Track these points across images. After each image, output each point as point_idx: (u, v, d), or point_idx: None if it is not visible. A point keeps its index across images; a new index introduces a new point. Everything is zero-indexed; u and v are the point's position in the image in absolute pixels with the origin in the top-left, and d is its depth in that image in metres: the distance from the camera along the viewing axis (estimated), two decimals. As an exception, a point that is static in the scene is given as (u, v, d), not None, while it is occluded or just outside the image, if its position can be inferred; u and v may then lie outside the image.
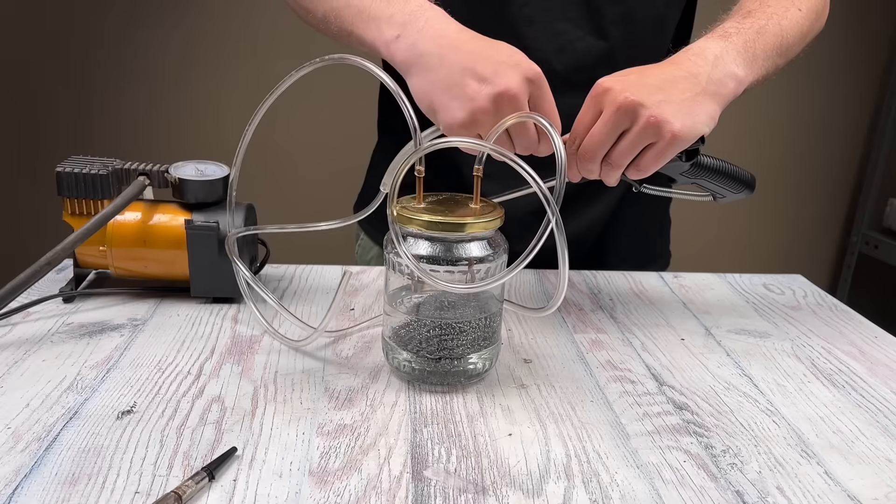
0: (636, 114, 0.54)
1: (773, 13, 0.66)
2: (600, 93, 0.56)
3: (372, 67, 0.54)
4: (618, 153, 0.56)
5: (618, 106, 0.54)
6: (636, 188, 0.68)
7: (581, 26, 0.73)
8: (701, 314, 0.73)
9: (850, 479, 0.47)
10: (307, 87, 0.82)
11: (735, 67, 0.59)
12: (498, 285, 0.53)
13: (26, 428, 0.48)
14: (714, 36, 0.62)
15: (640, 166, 0.57)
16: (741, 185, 0.65)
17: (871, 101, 2.11)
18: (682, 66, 0.58)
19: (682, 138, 0.55)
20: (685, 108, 0.55)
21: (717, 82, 0.58)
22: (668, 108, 0.54)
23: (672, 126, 0.54)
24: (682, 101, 0.55)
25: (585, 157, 0.57)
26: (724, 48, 0.60)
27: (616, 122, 0.55)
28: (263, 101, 0.58)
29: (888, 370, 0.63)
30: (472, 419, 0.51)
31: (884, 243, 2.08)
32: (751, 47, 0.61)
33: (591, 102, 0.57)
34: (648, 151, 0.56)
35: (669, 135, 0.54)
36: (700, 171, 0.63)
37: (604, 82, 0.56)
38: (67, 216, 0.67)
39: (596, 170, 0.58)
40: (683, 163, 0.61)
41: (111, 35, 1.77)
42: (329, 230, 0.61)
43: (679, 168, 0.62)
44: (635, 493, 0.44)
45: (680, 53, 0.60)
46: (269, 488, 0.43)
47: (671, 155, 0.56)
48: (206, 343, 0.61)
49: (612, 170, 0.57)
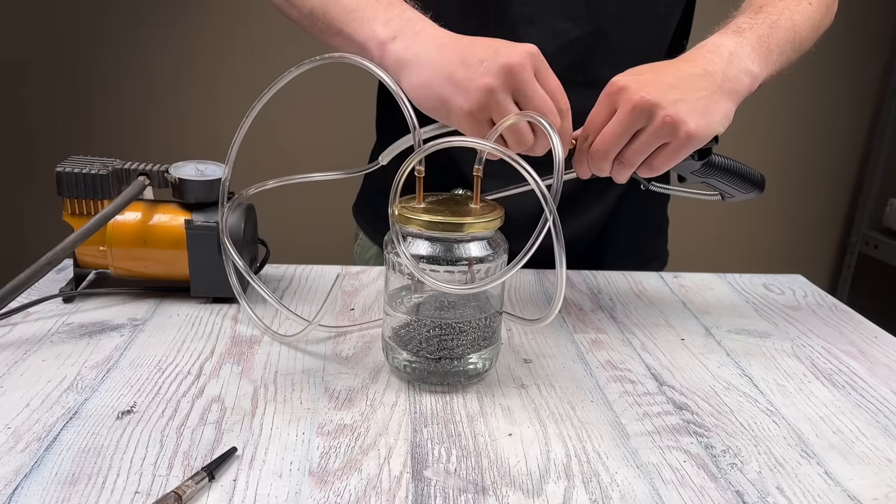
0: (652, 113, 0.54)
1: (785, 7, 0.66)
2: (615, 91, 0.55)
3: (372, 66, 0.54)
4: (631, 152, 0.56)
5: (633, 105, 0.54)
6: (644, 186, 0.68)
7: (582, 25, 0.73)
8: (701, 314, 0.73)
9: (850, 479, 0.47)
10: (306, 87, 0.82)
11: (750, 63, 0.59)
12: (497, 285, 0.53)
13: (26, 428, 0.48)
14: (728, 32, 0.62)
15: (653, 165, 0.56)
16: (751, 185, 0.65)
17: (871, 101, 2.11)
18: (697, 64, 0.58)
19: (697, 138, 0.54)
20: (701, 108, 0.55)
21: (733, 79, 0.57)
22: (684, 107, 0.54)
23: (688, 126, 0.54)
24: (697, 100, 0.55)
25: (597, 156, 0.56)
26: (739, 44, 0.59)
27: (631, 122, 0.54)
28: (260, 97, 0.58)
29: (888, 370, 0.63)
30: (472, 419, 0.51)
31: (884, 243, 2.07)
32: (765, 42, 0.61)
33: (606, 100, 0.56)
34: (662, 151, 0.55)
35: (685, 134, 0.54)
36: (711, 170, 0.62)
37: (618, 80, 0.56)
38: (67, 216, 0.67)
39: (607, 168, 0.57)
40: (695, 162, 0.60)
41: (110, 34, 1.77)
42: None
43: (690, 167, 0.61)
44: (635, 493, 0.44)
45: (694, 50, 0.60)
46: (269, 488, 0.43)
47: (685, 155, 0.56)
48: (206, 343, 0.61)
49: (624, 168, 0.57)
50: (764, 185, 0.66)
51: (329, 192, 1.54)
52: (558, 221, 0.47)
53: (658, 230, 0.95)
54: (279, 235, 0.70)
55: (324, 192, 1.71)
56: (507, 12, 0.73)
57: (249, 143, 0.60)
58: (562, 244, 0.48)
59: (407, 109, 0.53)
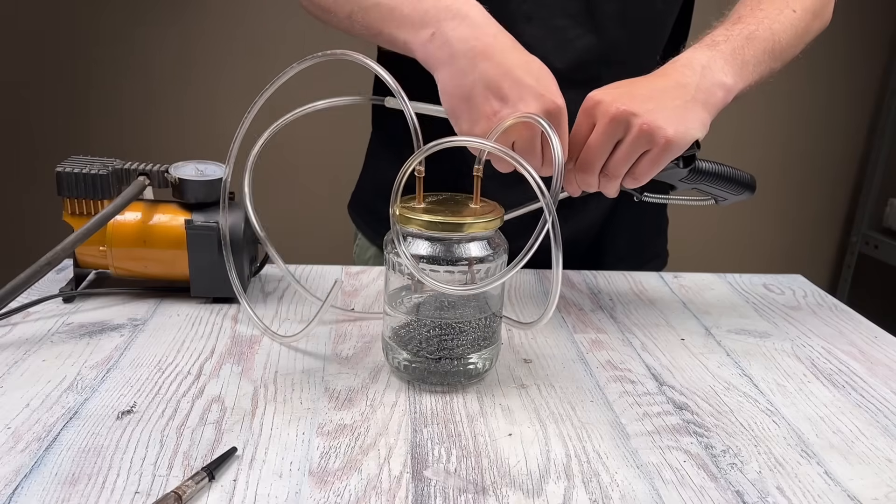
0: (629, 123, 0.55)
1: (765, 17, 0.66)
2: (592, 106, 0.57)
3: (373, 65, 0.54)
4: (614, 163, 0.57)
5: (611, 117, 0.55)
6: (637, 198, 0.68)
7: (581, 23, 0.73)
8: (701, 314, 0.73)
9: (850, 479, 0.47)
10: (305, 87, 0.82)
11: (723, 76, 0.59)
12: (497, 286, 0.53)
13: (26, 428, 0.48)
14: (702, 46, 0.62)
15: (636, 174, 0.57)
16: (741, 186, 0.65)
17: (871, 101, 2.11)
18: (670, 77, 0.58)
19: (675, 144, 0.55)
20: (677, 115, 0.56)
21: (706, 91, 0.58)
22: (661, 115, 0.55)
23: (665, 132, 0.54)
24: (673, 109, 0.56)
25: (583, 170, 0.58)
26: (712, 57, 0.60)
27: (610, 133, 0.55)
28: (262, 93, 0.58)
29: (888, 370, 0.63)
30: (472, 419, 0.51)
31: (884, 243, 2.07)
32: (739, 55, 0.61)
33: (584, 116, 0.57)
34: (643, 159, 0.56)
35: (663, 140, 0.55)
36: (698, 176, 0.63)
37: (594, 95, 0.57)
38: (67, 216, 0.67)
39: (594, 182, 0.58)
40: (681, 169, 0.61)
41: (110, 33, 1.77)
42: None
43: (678, 175, 0.62)
44: (635, 493, 0.44)
45: (668, 65, 0.60)
46: (269, 488, 0.43)
47: (666, 161, 0.56)
48: (206, 343, 0.61)
49: (610, 181, 0.58)
50: (755, 186, 0.67)
51: (329, 192, 1.54)
52: (557, 225, 0.47)
53: (657, 230, 0.95)
54: (279, 235, 0.70)
55: (324, 193, 1.71)
56: (506, 9, 0.73)
57: (250, 143, 0.60)
58: (559, 246, 0.48)
59: (407, 109, 0.54)
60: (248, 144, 0.60)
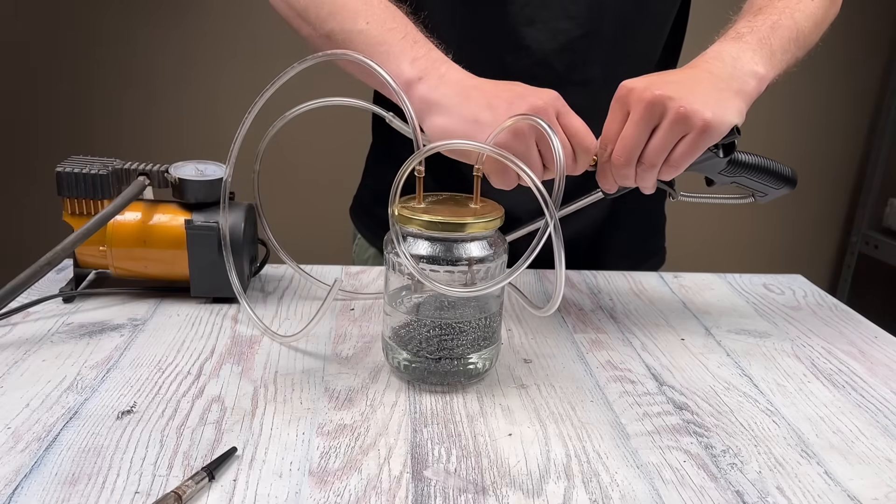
0: (665, 107, 0.53)
1: (786, 7, 0.65)
2: (625, 94, 0.55)
3: (373, 65, 0.54)
4: (651, 151, 0.55)
5: (647, 102, 0.53)
6: (674, 197, 0.65)
7: (582, 25, 0.73)
8: (701, 314, 0.73)
9: (850, 479, 0.47)
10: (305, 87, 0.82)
11: (754, 66, 0.59)
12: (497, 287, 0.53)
13: (26, 428, 0.48)
14: (727, 39, 0.61)
15: (673, 161, 0.55)
16: (781, 180, 0.63)
17: (871, 101, 2.11)
18: (701, 68, 0.58)
19: (714, 127, 0.53)
20: (713, 99, 0.54)
21: (740, 80, 0.57)
22: (697, 97, 0.54)
23: (703, 114, 0.53)
24: (708, 93, 0.55)
25: (619, 162, 0.56)
26: (740, 48, 0.59)
27: (647, 119, 0.54)
28: (262, 94, 0.58)
29: (888, 370, 0.63)
30: (472, 419, 0.51)
31: (884, 243, 2.07)
32: (766, 44, 0.61)
33: (617, 105, 0.56)
34: (680, 144, 0.55)
35: (701, 122, 0.53)
36: (738, 167, 0.61)
37: (627, 84, 0.56)
38: (67, 216, 0.67)
39: (631, 174, 0.56)
40: (721, 159, 0.59)
41: (110, 34, 1.77)
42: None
43: (717, 166, 0.60)
44: (635, 493, 0.44)
45: (696, 59, 0.60)
46: (269, 488, 0.43)
47: (704, 146, 0.55)
48: (206, 343, 0.61)
49: (647, 171, 0.56)
50: (796, 180, 0.64)
51: (329, 192, 1.54)
52: (559, 226, 0.47)
53: (656, 228, 0.95)
54: (279, 235, 0.70)
55: (324, 193, 1.71)
56: (508, 12, 0.73)
57: (249, 145, 0.60)
58: (561, 246, 0.48)
59: (407, 108, 0.54)
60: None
